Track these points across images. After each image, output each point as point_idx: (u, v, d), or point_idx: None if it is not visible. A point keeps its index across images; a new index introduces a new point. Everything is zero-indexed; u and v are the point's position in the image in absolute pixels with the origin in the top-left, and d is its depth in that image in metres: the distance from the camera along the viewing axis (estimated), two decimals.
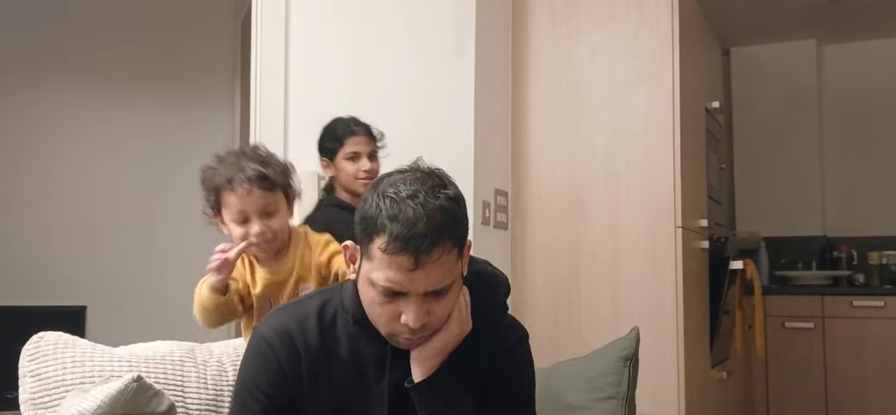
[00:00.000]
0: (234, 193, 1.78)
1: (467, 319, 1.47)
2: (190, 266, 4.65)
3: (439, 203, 1.34)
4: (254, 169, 1.77)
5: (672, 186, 3.07)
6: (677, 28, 3.12)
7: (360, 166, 2.47)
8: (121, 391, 1.39)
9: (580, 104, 3.24)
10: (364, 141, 2.49)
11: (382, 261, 1.33)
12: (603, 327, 3.05)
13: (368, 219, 1.35)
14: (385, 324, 1.41)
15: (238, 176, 1.77)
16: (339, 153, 2.51)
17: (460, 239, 1.39)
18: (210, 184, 1.85)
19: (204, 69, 4.76)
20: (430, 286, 1.35)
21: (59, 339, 1.70)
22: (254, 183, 1.76)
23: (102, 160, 4.52)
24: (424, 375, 1.43)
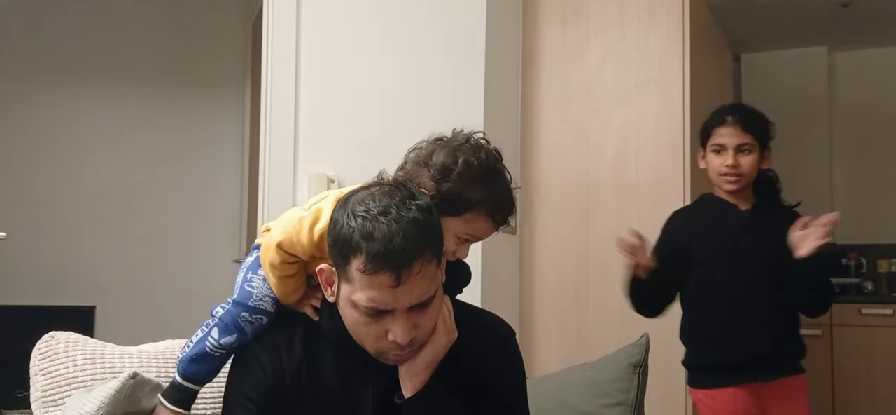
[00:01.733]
0: (482, 220, 1.52)
1: (452, 327, 1.44)
2: (198, 267, 4.70)
3: (412, 215, 1.31)
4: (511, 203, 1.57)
5: (681, 192, 3.07)
6: (688, 34, 3.11)
7: (723, 161, 2.40)
8: (119, 390, 1.40)
9: (590, 109, 3.23)
10: (732, 132, 2.40)
11: (362, 282, 1.30)
12: (611, 333, 3.05)
13: (342, 240, 1.32)
14: (372, 343, 1.38)
15: (499, 211, 1.54)
16: (707, 144, 2.46)
17: (437, 248, 1.37)
18: (460, 190, 1.50)
19: (215, 71, 4.78)
20: (414, 300, 1.33)
21: (69, 338, 1.71)
22: (501, 223, 1.56)
23: (112, 160, 4.54)
24: (415, 390, 1.41)
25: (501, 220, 1.54)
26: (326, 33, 3.08)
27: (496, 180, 1.52)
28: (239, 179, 4.72)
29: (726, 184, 2.41)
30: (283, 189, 2.96)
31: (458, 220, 1.48)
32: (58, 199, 4.43)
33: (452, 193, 1.46)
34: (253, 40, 4.31)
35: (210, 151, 4.76)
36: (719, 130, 2.42)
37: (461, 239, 1.51)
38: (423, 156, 1.52)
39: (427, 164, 1.50)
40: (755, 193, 2.47)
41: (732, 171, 2.38)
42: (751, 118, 2.44)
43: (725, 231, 2.46)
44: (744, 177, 2.40)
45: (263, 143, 3.05)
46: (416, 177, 1.49)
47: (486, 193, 1.49)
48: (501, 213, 1.53)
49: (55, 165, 4.44)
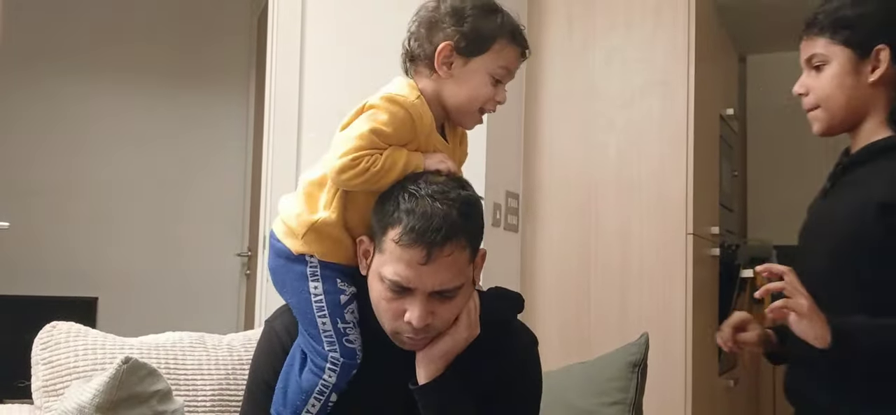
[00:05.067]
0: (508, 47, 1.52)
1: (476, 323, 1.46)
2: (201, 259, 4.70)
3: (457, 202, 1.35)
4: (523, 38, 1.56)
5: (684, 193, 3.07)
6: (693, 34, 3.11)
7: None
8: (113, 376, 1.40)
9: (594, 109, 3.23)
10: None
11: (394, 254, 1.34)
12: (612, 332, 3.05)
13: (385, 212, 1.37)
14: (389, 321, 1.41)
15: (519, 35, 1.54)
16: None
17: (474, 241, 1.40)
18: (479, 24, 1.50)
19: (220, 65, 4.78)
20: (437, 285, 1.36)
21: (71, 328, 1.72)
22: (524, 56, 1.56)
23: (116, 154, 4.54)
24: (429, 377, 1.43)
25: (523, 43, 1.54)
26: (331, 27, 3.08)
27: (502, 9, 1.54)
28: (242, 172, 4.73)
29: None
30: (287, 183, 2.96)
31: (487, 56, 1.49)
32: (61, 190, 4.43)
33: (474, 30, 1.48)
34: (258, 34, 4.32)
35: (214, 144, 4.76)
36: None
37: (495, 78, 1.51)
38: (428, 16, 1.53)
39: (438, 20, 1.50)
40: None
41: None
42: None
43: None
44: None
45: (267, 136, 3.05)
46: (432, 37, 1.50)
47: (502, 18, 1.51)
48: (520, 36, 1.53)
49: (59, 156, 4.45)
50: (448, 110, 1.52)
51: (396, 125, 1.43)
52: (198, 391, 1.72)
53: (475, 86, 1.50)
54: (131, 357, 1.43)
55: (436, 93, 1.51)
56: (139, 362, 1.44)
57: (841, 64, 1.69)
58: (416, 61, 1.53)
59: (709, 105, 3.37)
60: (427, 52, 1.50)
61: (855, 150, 1.74)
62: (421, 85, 1.51)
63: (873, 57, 1.67)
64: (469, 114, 1.53)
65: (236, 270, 4.63)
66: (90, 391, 1.40)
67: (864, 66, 1.68)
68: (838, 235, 1.66)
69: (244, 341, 1.87)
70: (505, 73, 1.51)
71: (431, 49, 1.49)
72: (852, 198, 1.66)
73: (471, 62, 1.48)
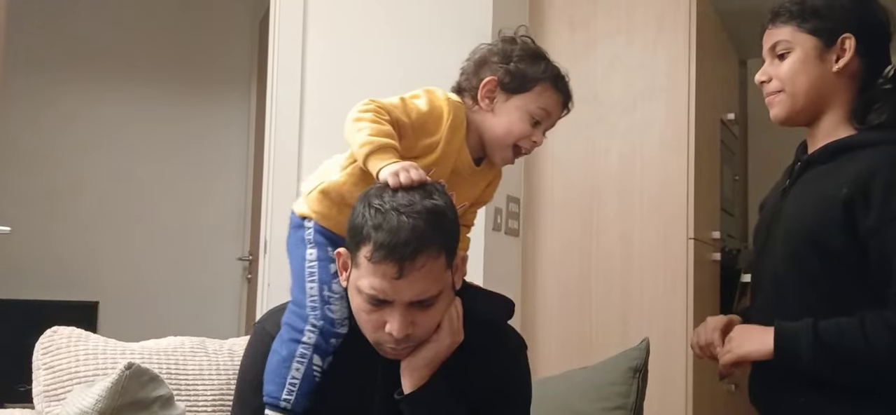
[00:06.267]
0: (550, 92, 1.62)
1: (459, 329, 1.46)
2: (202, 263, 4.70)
3: (424, 211, 1.34)
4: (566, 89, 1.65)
5: (685, 197, 3.07)
6: (694, 39, 3.11)
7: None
8: (115, 382, 1.40)
9: (595, 113, 3.23)
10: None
11: (368, 269, 1.35)
12: (613, 337, 3.05)
13: (355, 228, 1.37)
14: (371, 332, 1.42)
15: (563, 83, 1.64)
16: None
17: (448, 246, 1.39)
18: (524, 67, 1.60)
19: (221, 68, 4.79)
20: (414, 296, 1.36)
21: (72, 333, 1.72)
22: (566, 106, 1.66)
23: (117, 156, 4.55)
24: (414, 386, 1.44)
25: (566, 94, 1.63)
26: (333, 32, 3.09)
27: (548, 58, 1.64)
28: (244, 176, 4.73)
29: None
30: (288, 187, 2.96)
31: (529, 95, 1.58)
32: (63, 194, 4.43)
33: (519, 71, 1.58)
34: (260, 38, 4.33)
35: (215, 148, 4.76)
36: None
37: (535, 118, 1.59)
38: (480, 56, 1.63)
39: (486, 60, 1.61)
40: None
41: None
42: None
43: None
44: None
45: (268, 140, 3.06)
46: (480, 72, 1.60)
47: (547, 65, 1.61)
48: (564, 85, 1.63)
49: (61, 160, 4.45)
50: (484, 142, 1.60)
51: (430, 110, 1.53)
52: (199, 396, 1.72)
53: (513, 121, 1.58)
54: (134, 363, 1.43)
55: (476, 124, 1.59)
56: (141, 367, 1.44)
57: (805, 51, 1.67)
58: (463, 94, 1.62)
59: (710, 110, 3.37)
60: (473, 85, 1.60)
61: (813, 146, 1.73)
62: (468, 113, 1.60)
63: (838, 46, 1.66)
64: (503, 147, 1.60)
65: (237, 274, 4.63)
66: (92, 397, 1.40)
67: (830, 54, 1.67)
68: (799, 235, 1.64)
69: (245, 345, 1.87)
70: (544, 115, 1.60)
71: (477, 82, 1.59)
72: (813, 197, 1.64)
73: (512, 99, 1.58)
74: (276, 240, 2.98)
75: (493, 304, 1.62)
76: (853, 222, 1.55)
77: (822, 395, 1.60)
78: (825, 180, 1.63)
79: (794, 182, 1.73)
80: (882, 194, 1.52)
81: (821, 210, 1.60)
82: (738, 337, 1.68)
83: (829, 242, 1.58)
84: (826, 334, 1.54)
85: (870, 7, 1.70)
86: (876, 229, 1.52)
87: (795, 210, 1.68)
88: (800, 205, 1.67)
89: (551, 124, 1.64)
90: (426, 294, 1.37)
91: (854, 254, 1.55)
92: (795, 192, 1.72)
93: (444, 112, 1.53)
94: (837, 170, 1.62)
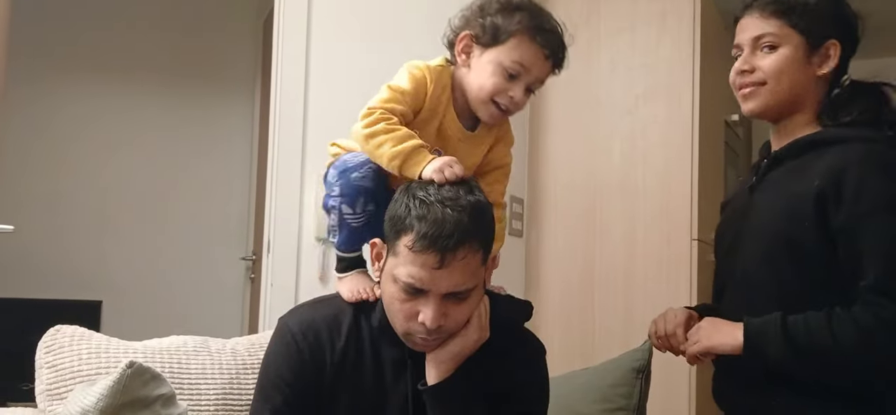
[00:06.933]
0: (526, 44, 1.56)
1: (486, 326, 1.49)
2: (205, 264, 4.71)
3: (468, 206, 1.38)
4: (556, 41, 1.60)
5: (689, 199, 3.07)
6: (698, 40, 3.11)
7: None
8: (117, 380, 1.40)
9: (599, 114, 3.24)
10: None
11: (408, 257, 1.37)
12: (616, 337, 3.05)
13: (397, 218, 1.40)
14: (402, 322, 1.43)
15: (541, 34, 1.57)
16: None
17: (485, 243, 1.42)
18: (498, 19, 1.57)
19: (224, 69, 4.79)
20: (451, 287, 1.38)
21: (75, 332, 1.72)
22: (549, 59, 1.60)
23: (120, 156, 4.55)
24: (439, 378, 1.45)
25: (546, 46, 1.57)
26: (337, 34, 3.09)
27: (538, 11, 1.59)
28: (247, 176, 4.73)
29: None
30: (292, 188, 2.96)
31: (502, 48, 1.55)
32: (67, 193, 4.44)
33: (492, 23, 1.56)
34: (264, 39, 4.33)
35: (219, 149, 4.77)
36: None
37: (511, 72, 1.55)
38: (462, 12, 1.64)
39: (468, 15, 1.62)
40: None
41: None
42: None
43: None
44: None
45: (272, 141, 3.05)
46: (462, 26, 1.61)
47: (524, 17, 1.55)
48: (543, 36, 1.56)
49: (65, 161, 4.46)
50: (468, 100, 1.61)
51: (415, 84, 1.55)
52: (201, 396, 1.72)
53: (486, 75, 1.56)
54: (135, 361, 1.42)
55: (459, 82, 1.61)
56: (143, 366, 1.44)
57: (794, 48, 1.66)
58: (451, 50, 1.64)
59: (713, 111, 3.37)
60: (453, 41, 1.62)
61: (779, 143, 1.72)
62: (455, 72, 1.62)
63: (823, 50, 1.67)
64: (482, 103, 1.59)
65: (241, 273, 4.63)
66: (94, 395, 1.40)
67: (813, 56, 1.67)
68: (770, 230, 1.63)
69: (248, 345, 1.87)
70: (520, 69, 1.56)
71: (456, 38, 1.61)
72: (783, 192, 1.64)
73: (486, 52, 1.56)
74: (280, 240, 2.98)
75: (514, 306, 1.63)
76: (824, 217, 1.54)
77: (794, 397, 1.59)
78: (794, 176, 1.63)
79: (762, 179, 1.73)
80: (853, 191, 1.52)
81: (791, 205, 1.60)
82: (707, 328, 1.66)
83: (799, 236, 1.57)
84: (794, 329, 1.54)
85: (850, 14, 1.71)
86: (847, 226, 1.52)
87: (765, 206, 1.68)
88: (769, 201, 1.67)
89: (535, 80, 1.59)
90: (462, 287, 1.39)
91: (824, 249, 1.55)
92: (764, 188, 1.71)
93: (426, 79, 1.57)
94: (807, 165, 1.61)
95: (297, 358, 1.49)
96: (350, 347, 1.51)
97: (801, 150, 1.66)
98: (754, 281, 1.66)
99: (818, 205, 1.55)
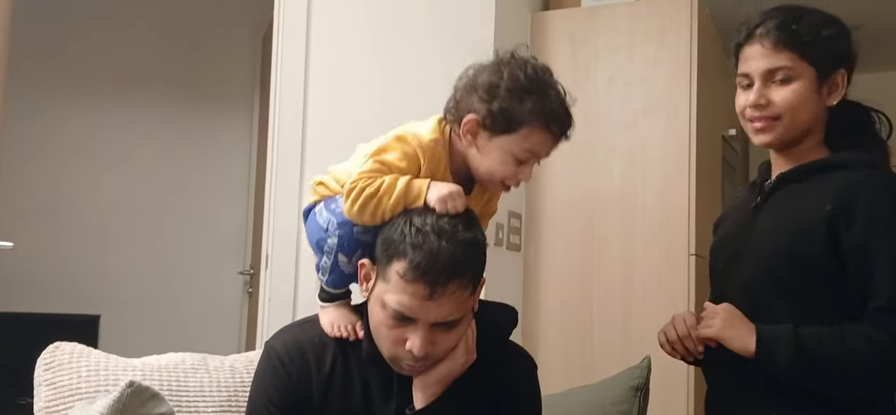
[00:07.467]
0: (538, 133, 1.49)
1: (472, 349, 1.48)
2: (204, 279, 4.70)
3: (464, 241, 1.36)
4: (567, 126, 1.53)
5: (687, 214, 3.07)
6: (696, 56, 3.12)
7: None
8: (116, 399, 1.40)
9: (597, 129, 3.24)
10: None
11: (398, 285, 1.36)
12: (614, 353, 3.05)
13: (391, 242, 1.38)
14: (389, 347, 1.42)
15: (555, 121, 1.50)
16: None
17: (477, 276, 1.41)
18: (509, 106, 1.47)
19: (223, 83, 4.80)
20: (440, 318, 1.37)
21: (74, 349, 1.72)
22: (560, 139, 1.53)
23: (119, 170, 4.55)
24: (426, 402, 1.45)
25: (559, 131, 1.51)
26: (336, 50, 3.10)
27: (546, 91, 1.49)
28: (246, 192, 4.74)
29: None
30: (290, 203, 2.97)
31: (513, 137, 1.46)
32: (66, 208, 4.44)
33: (503, 111, 1.45)
34: (263, 54, 4.34)
35: (218, 165, 4.77)
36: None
37: (520, 160, 1.49)
38: (469, 80, 1.51)
39: (474, 86, 1.49)
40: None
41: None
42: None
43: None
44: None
45: (271, 157, 3.06)
46: (466, 102, 1.49)
47: (536, 104, 1.46)
48: (556, 122, 1.50)
49: (63, 175, 4.46)
50: (469, 168, 1.53)
51: (406, 162, 1.45)
52: (200, 413, 1.72)
53: (496, 162, 1.48)
54: (135, 381, 1.42)
55: (459, 152, 1.52)
56: (142, 385, 1.43)
57: (808, 82, 1.66)
58: (450, 115, 1.53)
59: (711, 126, 3.38)
60: (456, 117, 1.50)
61: (785, 166, 1.73)
62: (453, 136, 1.52)
63: (832, 80, 1.68)
64: (490, 183, 1.54)
65: (239, 287, 4.63)
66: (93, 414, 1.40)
67: (824, 87, 1.68)
68: (776, 250, 1.64)
69: (246, 362, 1.87)
70: (530, 155, 1.50)
71: (459, 116, 1.49)
72: (791, 213, 1.65)
73: (495, 139, 1.47)
74: (278, 254, 2.98)
75: (498, 313, 1.61)
76: (835, 239, 1.56)
77: (792, 410, 1.60)
78: (802, 198, 1.64)
79: (767, 199, 1.74)
80: (865, 213, 1.54)
81: (798, 224, 1.61)
82: (725, 316, 1.65)
83: (807, 256, 1.58)
84: (806, 339, 1.55)
85: (850, 40, 1.72)
86: (859, 247, 1.54)
87: (771, 227, 1.68)
88: (776, 221, 1.68)
89: (544, 157, 1.54)
90: (451, 317, 1.38)
91: (832, 270, 1.57)
92: (769, 208, 1.72)
93: (419, 156, 1.47)
94: (813, 188, 1.63)
95: (285, 380, 1.49)
96: (337, 368, 1.50)
97: (808, 173, 1.68)
98: (756, 297, 1.66)
99: (830, 227, 1.56)
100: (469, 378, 1.47)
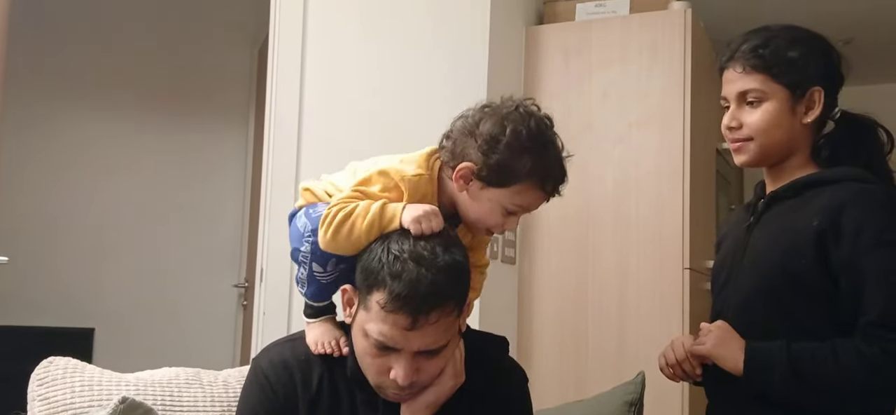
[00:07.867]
0: (531, 192, 1.48)
1: (461, 371, 1.45)
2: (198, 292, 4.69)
3: (444, 266, 1.32)
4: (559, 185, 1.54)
5: (681, 227, 3.07)
6: (689, 69, 3.13)
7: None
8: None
9: (591, 143, 3.25)
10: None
11: (379, 315, 1.32)
12: (609, 365, 3.05)
13: (370, 271, 1.35)
14: (374, 375, 1.40)
15: (549, 181, 1.50)
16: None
17: (461, 302, 1.38)
18: (507, 161, 1.45)
19: (219, 96, 4.80)
20: (424, 346, 1.34)
21: (68, 364, 1.72)
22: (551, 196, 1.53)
23: (114, 184, 4.55)
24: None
25: (552, 190, 1.51)
26: (331, 62, 3.10)
27: (546, 149, 1.48)
28: (241, 205, 4.73)
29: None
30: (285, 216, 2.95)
31: (506, 191, 1.45)
32: (60, 221, 4.43)
33: (500, 165, 1.43)
34: (258, 67, 4.35)
35: (213, 178, 4.77)
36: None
37: (509, 211, 1.48)
38: (469, 124, 1.48)
39: (474, 133, 1.45)
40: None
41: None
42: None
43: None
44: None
45: (266, 169, 3.07)
46: (463, 147, 1.46)
47: (535, 163, 1.45)
48: (551, 182, 1.49)
49: (58, 188, 4.45)
50: (455, 206, 1.51)
51: (388, 194, 1.43)
52: None
53: (486, 212, 1.47)
54: (128, 397, 1.42)
55: (448, 190, 1.50)
56: (136, 401, 1.44)
57: (779, 102, 1.68)
58: (444, 151, 1.51)
59: (705, 139, 3.39)
60: (451, 158, 1.48)
61: (775, 184, 1.75)
62: (444, 173, 1.50)
63: (808, 98, 1.69)
64: (475, 229, 1.53)
65: (233, 300, 4.62)
66: None
67: (799, 105, 1.69)
68: (769, 267, 1.66)
69: (239, 377, 1.87)
70: (519, 209, 1.49)
71: (455, 162, 1.46)
72: (783, 230, 1.66)
73: (487, 190, 1.45)
74: (273, 267, 2.98)
75: (489, 343, 1.60)
76: (824, 254, 1.57)
77: None
78: (793, 214, 1.66)
79: (759, 218, 1.75)
80: (854, 228, 1.55)
81: (789, 240, 1.63)
82: (718, 334, 1.67)
83: (800, 273, 1.60)
84: (798, 355, 1.56)
85: (831, 56, 1.74)
86: (850, 261, 1.55)
87: (764, 244, 1.70)
88: (769, 238, 1.70)
89: (532, 210, 1.53)
90: (435, 345, 1.35)
91: (823, 285, 1.58)
92: (762, 225, 1.74)
93: (402, 191, 1.44)
94: (804, 204, 1.65)
95: (271, 398, 1.47)
96: (324, 386, 1.48)
97: (799, 190, 1.69)
98: (751, 314, 1.68)
99: (818, 243, 1.57)
100: (458, 400, 1.45)
